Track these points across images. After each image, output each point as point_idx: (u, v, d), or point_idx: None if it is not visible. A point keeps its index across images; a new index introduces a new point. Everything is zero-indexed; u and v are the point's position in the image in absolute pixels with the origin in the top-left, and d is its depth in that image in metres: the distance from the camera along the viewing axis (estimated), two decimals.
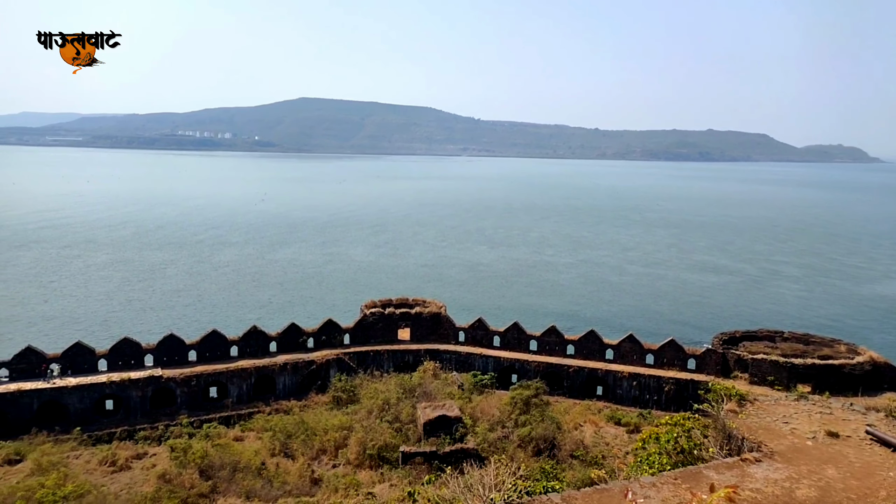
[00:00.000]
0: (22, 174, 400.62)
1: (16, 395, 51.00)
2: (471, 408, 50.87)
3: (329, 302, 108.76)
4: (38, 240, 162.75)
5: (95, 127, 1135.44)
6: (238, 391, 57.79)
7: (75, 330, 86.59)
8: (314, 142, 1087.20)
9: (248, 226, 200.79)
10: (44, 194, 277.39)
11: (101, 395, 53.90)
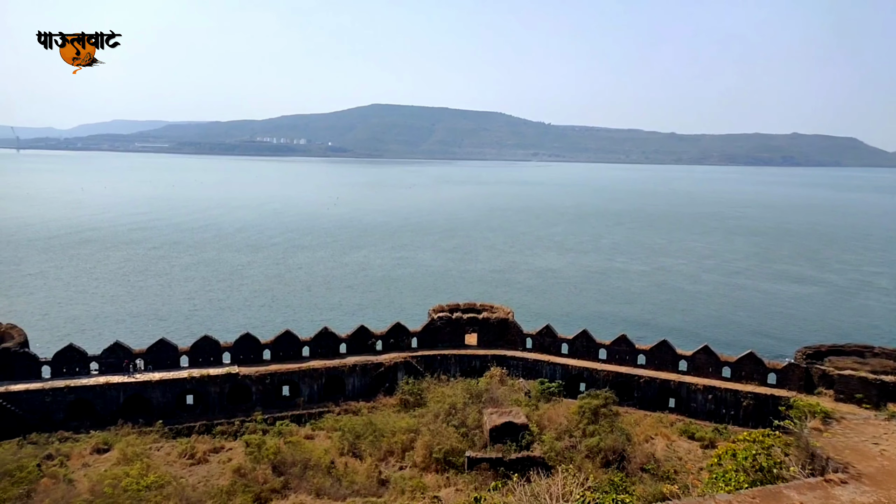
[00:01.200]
0: (113, 179, 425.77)
1: (104, 388, 54.12)
2: (538, 415, 50.28)
3: (397, 305, 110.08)
4: (129, 241, 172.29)
5: (181, 134, 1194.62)
6: (309, 391, 59.25)
7: (159, 327, 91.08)
8: (385, 147, 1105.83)
9: (321, 230, 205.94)
10: (133, 198, 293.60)
11: (182, 390, 56.45)
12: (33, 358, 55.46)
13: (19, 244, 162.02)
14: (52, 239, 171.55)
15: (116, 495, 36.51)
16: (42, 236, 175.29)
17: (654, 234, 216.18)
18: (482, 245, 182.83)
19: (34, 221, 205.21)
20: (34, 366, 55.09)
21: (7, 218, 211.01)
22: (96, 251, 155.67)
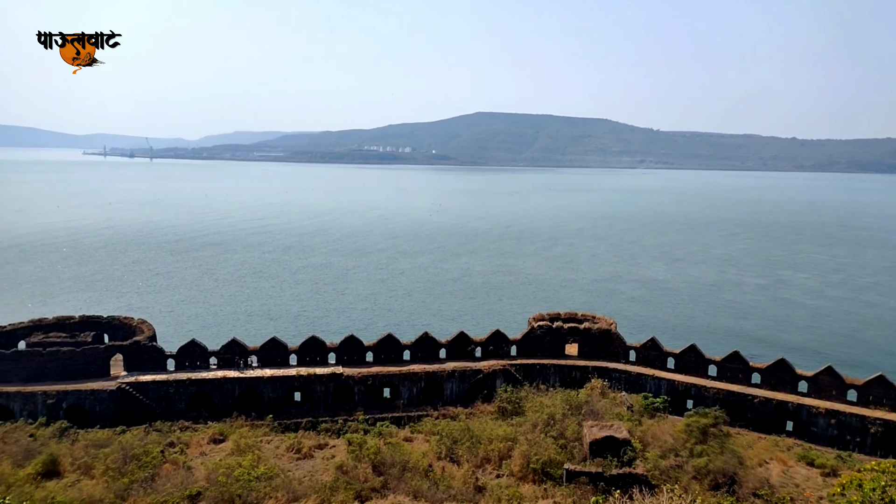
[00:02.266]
0: (233, 186, 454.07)
1: (222, 382, 57.69)
2: (640, 431, 48.49)
3: (497, 312, 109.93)
4: (246, 246, 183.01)
5: (294, 143, 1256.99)
6: (409, 394, 60.32)
7: (271, 326, 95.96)
8: (488, 155, 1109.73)
9: (424, 236, 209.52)
10: (250, 204, 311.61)
11: (290, 387, 59.16)
12: (160, 351, 60.06)
13: (151, 246, 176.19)
14: (179, 242, 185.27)
15: (229, 484, 38.69)
16: (170, 239, 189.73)
17: (772, 246, 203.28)
18: (585, 254, 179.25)
19: (164, 225, 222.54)
20: (161, 358, 59.63)
21: (141, 222, 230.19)
22: (217, 254, 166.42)
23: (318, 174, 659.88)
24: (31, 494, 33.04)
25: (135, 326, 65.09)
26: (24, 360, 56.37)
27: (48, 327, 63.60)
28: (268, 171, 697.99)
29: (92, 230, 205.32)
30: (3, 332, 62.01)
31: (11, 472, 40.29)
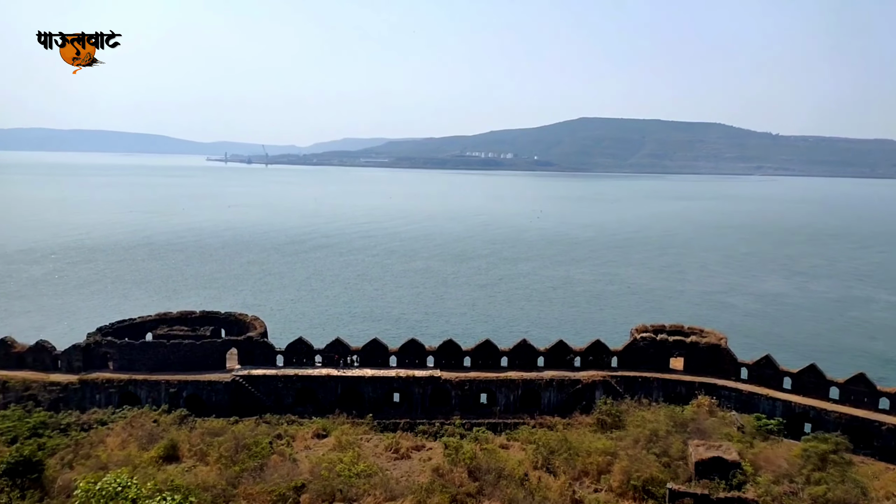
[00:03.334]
0: (341, 191, 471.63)
1: (326, 379, 59.94)
2: (752, 454, 45.66)
3: (597, 322, 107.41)
4: (352, 249, 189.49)
5: (399, 150, 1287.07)
6: (506, 401, 60.03)
7: (373, 327, 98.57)
8: (592, 161, 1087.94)
9: (525, 242, 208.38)
10: (356, 208, 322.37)
11: (390, 388, 60.52)
12: (271, 347, 63.26)
13: (264, 247, 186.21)
14: (290, 244, 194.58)
15: (331, 478, 40.08)
16: (282, 241, 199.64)
17: None
18: (694, 264, 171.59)
19: (276, 228, 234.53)
20: (271, 354, 62.79)
21: (256, 224, 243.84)
22: (325, 256, 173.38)
23: (421, 179, 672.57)
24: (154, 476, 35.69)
25: (248, 323, 68.96)
26: (150, 350, 61.12)
27: (172, 321, 68.63)
28: (373, 177, 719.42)
29: (213, 231, 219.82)
30: (133, 325, 67.55)
31: (137, 454, 43.75)
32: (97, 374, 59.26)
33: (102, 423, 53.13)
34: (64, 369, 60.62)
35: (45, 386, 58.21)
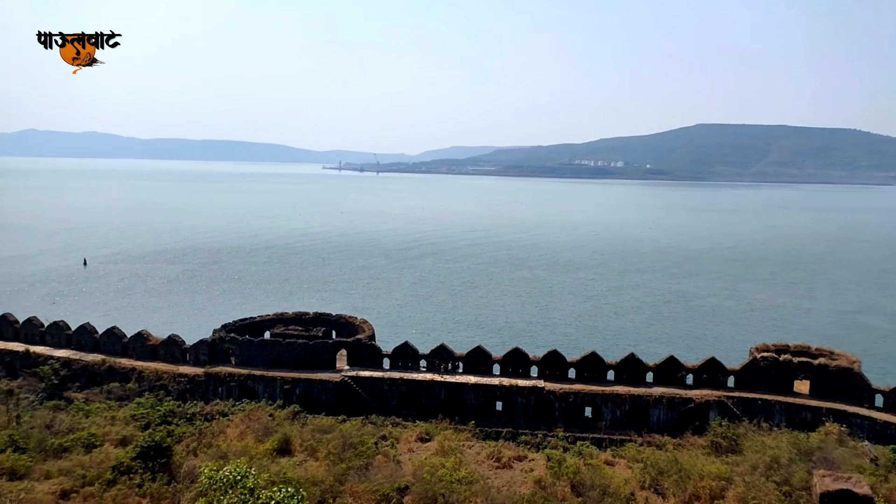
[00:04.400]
0: (448, 198, 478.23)
1: (430, 384, 60.80)
2: (886, 489, 41.49)
3: (712, 338, 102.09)
4: (459, 257, 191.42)
5: (507, 158, 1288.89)
6: (612, 416, 58.28)
7: (476, 335, 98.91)
8: (710, 169, 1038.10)
9: (636, 254, 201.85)
10: (463, 216, 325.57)
11: (492, 396, 60.46)
12: (378, 350, 65.07)
13: (374, 253, 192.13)
14: (399, 250, 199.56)
15: (433, 482, 40.49)
16: (391, 247, 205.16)
17: None
18: (824, 281, 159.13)
19: (386, 234, 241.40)
20: (378, 357, 64.58)
21: (367, 230, 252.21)
22: (431, 263, 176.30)
23: (528, 188, 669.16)
24: (268, 468, 37.58)
25: (358, 325, 71.36)
26: (267, 348, 64.64)
27: (288, 321, 72.30)
28: (480, 185, 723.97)
29: (327, 237, 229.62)
30: (253, 323, 71.79)
31: (254, 445, 46.26)
32: (220, 367, 63.44)
33: (223, 414, 56.72)
34: (191, 362, 65.41)
35: (175, 377, 63.07)
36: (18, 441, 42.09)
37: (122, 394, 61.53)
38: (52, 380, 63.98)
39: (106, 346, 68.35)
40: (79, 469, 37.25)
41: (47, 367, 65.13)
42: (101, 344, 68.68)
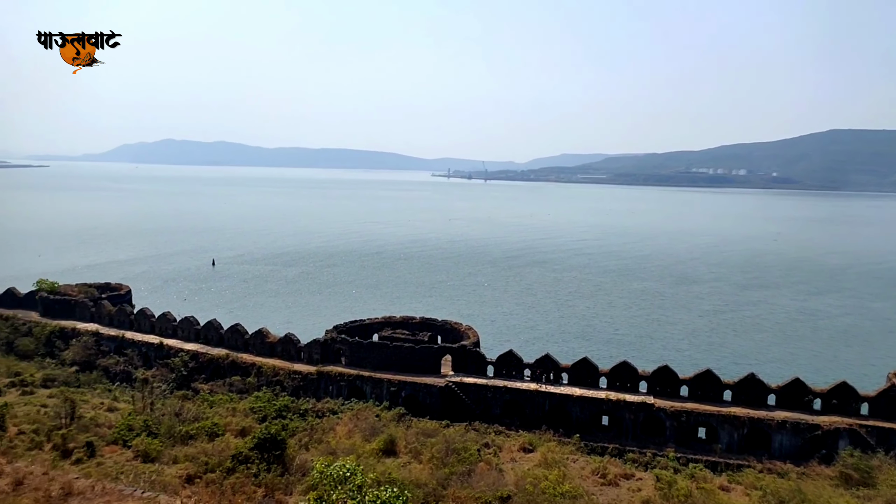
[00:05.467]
0: (556, 207, 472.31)
1: (534, 394, 60.13)
2: None
3: (842, 361, 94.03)
4: (567, 267, 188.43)
5: (618, 166, 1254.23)
6: (728, 439, 55.03)
7: (582, 346, 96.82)
8: (844, 178, 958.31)
9: (759, 268, 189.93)
10: (572, 225, 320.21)
11: (598, 410, 58.85)
12: (482, 357, 65.22)
13: (481, 260, 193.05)
14: (505, 258, 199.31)
15: (535, 494, 39.97)
16: (498, 255, 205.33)
17: None
18: None
19: (493, 241, 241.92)
20: (482, 364, 64.72)
21: (474, 237, 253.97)
22: (537, 271, 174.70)
23: (642, 197, 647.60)
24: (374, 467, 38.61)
25: (463, 331, 71.94)
26: (376, 350, 66.54)
27: (395, 324, 74.14)
28: (590, 193, 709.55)
29: (435, 243, 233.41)
30: (363, 325, 74.21)
31: (361, 444, 47.72)
32: (331, 367, 66.05)
33: (333, 412, 58.99)
34: (305, 360, 68.57)
35: (290, 374, 66.35)
36: (151, 426, 45.86)
37: (243, 387, 65.53)
38: (182, 371, 69.31)
39: (229, 342, 73.11)
40: (202, 456, 39.99)
41: (178, 358, 70.65)
42: (225, 339, 73.55)
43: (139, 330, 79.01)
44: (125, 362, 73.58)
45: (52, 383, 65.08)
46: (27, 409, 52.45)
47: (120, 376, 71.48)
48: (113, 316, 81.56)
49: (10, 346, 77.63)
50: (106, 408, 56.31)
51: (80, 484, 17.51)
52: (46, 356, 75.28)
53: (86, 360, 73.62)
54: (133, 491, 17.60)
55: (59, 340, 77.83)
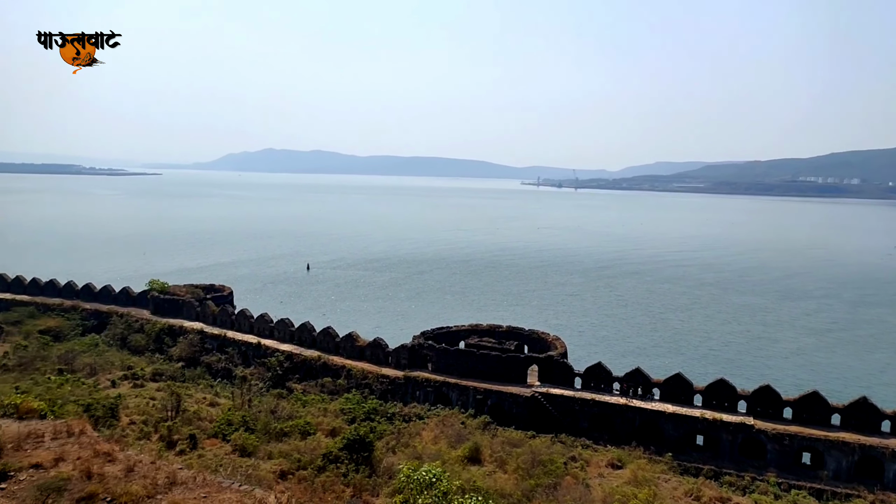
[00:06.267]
0: (651, 216, 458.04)
1: (624, 409, 58.41)
2: None
3: None
4: (661, 277, 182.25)
5: (717, 174, 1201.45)
6: (836, 466, 51.26)
7: (675, 361, 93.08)
8: None
9: (875, 283, 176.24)
10: (667, 235, 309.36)
11: (692, 428, 56.37)
12: (569, 368, 64.08)
13: (569, 269, 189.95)
14: (595, 268, 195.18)
15: None
16: (588, 265, 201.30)
17: None
18: None
19: (583, 251, 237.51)
20: (569, 375, 63.58)
21: (563, 246, 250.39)
22: (629, 282, 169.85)
23: (743, 207, 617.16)
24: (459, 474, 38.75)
25: (550, 342, 70.98)
26: (462, 357, 66.82)
27: (482, 332, 74.18)
28: (686, 203, 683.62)
29: (523, 251, 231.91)
30: (449, 332, 74.76)
31: (446, 450, 48.01)
32: (418, 372, 66.90)
33: (420, 417, 59.69)
34: (392, 365, 69.80)
35: (378, 377, 67.75)
36: (249, 422, 48.09)
37: (333, 388, 67.54)
38: (277, 370, 72.28)
39: (321, 344, 75.58)
40: (295, 453, 41.53)
41: (274, 358, 73.75)
42: (317, 341, 76.10)
43: (239, 330, 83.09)
44: (226, 360, 77.55)
45: (160, 377, 69.67)
46: (137, 400, 56.36)
47: (221, 373, 75.40)
48: (216, 316, 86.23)
49: (123, 341, 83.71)
50: (208, 402, 59.59)
51: (183, 474, 18.60)
52: (156, 352, 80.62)
53: (191, 356, 78.21)
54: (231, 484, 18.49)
55: (168, 337, 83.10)
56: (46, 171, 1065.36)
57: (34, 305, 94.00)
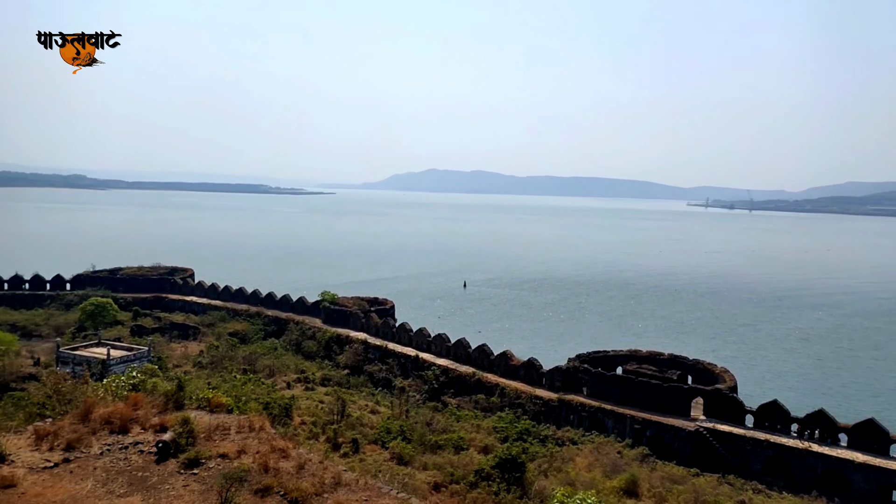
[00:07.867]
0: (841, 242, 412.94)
1: (804, 453, 52.70)
2: None
3: None
4: (856, 312, 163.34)
5: None
6: None
7: (868, 405, 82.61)
8: None
9: None
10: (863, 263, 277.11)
11: (889, 482, 49.51)
12: (740, 404, 59.19)
13: (741, 297, 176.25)
14: (773, 298, 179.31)
15: None
16: (763, 293, 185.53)
17: None
18: None
19: (757, 278, 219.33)
20: (739, 411, 58.72)
21: (734, 272, 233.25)
22: (815, 315, 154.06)
23: None
24: None
25: (717, 374, 66.18)
26: (619, 384, 64.37)
27: (641, 359, 70.94)
28: (883, 228, 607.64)
29: (687, 276, 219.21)
30: (606, 357, 72.38)
31: (601, 480, 46.38)
32: (573, 396, 65.46)
33: (573, 441, 58.27)
34: (546, 386, 68.94)
35: (531, 398, 67.23)
36: (406, 432, 49.87)
37: (486, 405, 68.07)
38: (433, 384, 74.34)
39: (476, 361, 76.61)
40: (449, 466, 42.34)
41: (430, 372, 76.00)
42: (472, 358, 77.26)
43: (399, 342, 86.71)
44: (386, 370, 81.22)
45: (328, 382, 74.66)
46: (308, 403, 60.69)
47: (381, 382, 79.05)
48: (379, 327, 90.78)
49: (298, 347, 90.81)
50: (369, 409, 62.74)
51: (347, 476, 19.74)
52: (325, 358, 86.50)
53: (355, 364, 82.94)
54: (389, 490, 19.30)
55: (336, 345, 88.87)
56: (240, 189, 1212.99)
57: (226, 310, 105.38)
